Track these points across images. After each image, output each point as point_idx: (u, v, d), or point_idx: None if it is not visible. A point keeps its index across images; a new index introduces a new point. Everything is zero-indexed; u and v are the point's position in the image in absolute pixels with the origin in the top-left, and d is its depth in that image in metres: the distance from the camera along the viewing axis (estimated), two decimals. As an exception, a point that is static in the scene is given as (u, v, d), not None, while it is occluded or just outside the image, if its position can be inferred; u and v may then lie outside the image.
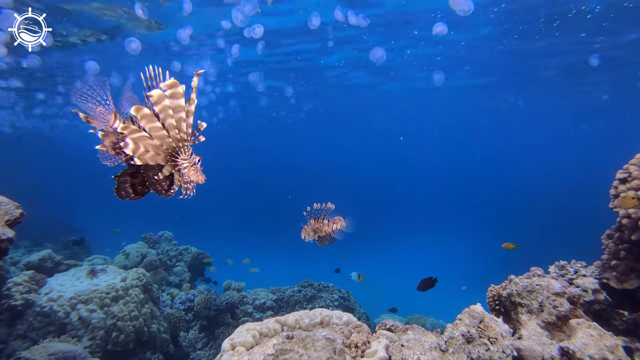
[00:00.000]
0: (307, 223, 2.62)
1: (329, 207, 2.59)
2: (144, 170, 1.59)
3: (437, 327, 8.23)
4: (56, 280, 6.18)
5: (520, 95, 19.57)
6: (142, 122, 1.43)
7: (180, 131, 1.51)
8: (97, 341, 5.50)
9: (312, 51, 12.20)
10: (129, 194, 1.61)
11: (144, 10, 7.80)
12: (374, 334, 2.71)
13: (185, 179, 1.64)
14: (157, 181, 1.61)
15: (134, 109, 1.39)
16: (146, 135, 1.46)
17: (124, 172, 1.59)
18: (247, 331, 2.68)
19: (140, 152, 1.46)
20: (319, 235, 2.65)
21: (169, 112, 1.43)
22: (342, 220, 2.62)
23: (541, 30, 10.19)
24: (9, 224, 3.93)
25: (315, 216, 2.61)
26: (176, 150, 1.57)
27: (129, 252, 8.87)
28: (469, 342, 2.45)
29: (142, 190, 1.63)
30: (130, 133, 1.44)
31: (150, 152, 1.50)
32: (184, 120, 1.48)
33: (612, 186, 2.49)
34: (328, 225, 2.60)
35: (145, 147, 1.48)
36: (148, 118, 1.43)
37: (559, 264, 2.91)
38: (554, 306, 2.62)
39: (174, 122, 1.47)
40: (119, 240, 10.31)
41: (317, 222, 2.60)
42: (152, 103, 1.40)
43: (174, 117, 1.45)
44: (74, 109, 1.53)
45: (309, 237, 2.64)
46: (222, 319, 7.77)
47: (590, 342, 2.40)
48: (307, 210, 2.59)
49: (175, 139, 1.52)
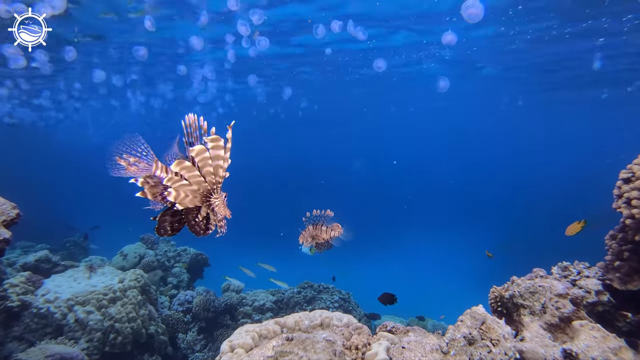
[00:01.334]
0: (306, 229, 2.60)
1: (327, 214, 2.58)
2: (185, 214, 1.81)
3: (439, 328, 8.20)
4: (53, 282, 6.13)
5: (522, 94, 19.52)
6: (182, 173, 1.65)
7: (216, 176, 1.72)
8: (94, 343, 5.45)
9: (309, 46, 12.20)
10: (167, 232, 1.83)
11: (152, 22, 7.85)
12: (374, 335, 2.68)
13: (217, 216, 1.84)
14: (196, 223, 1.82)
15: (175, 165, 1.62)
16: (185, 183, 1.68)
17: (164, 213, 1.81)
18: (246, 333, 2.65)
19: (180, 198, 1.67)
20: (316, 242, 2.63)
21: (208, 162, 1.65)
22: (339, 227, 2.61)
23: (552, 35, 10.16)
24: (5, 224, 3.88)
25: (314, 222, 2.59)
26: (210, 192, 1.78)
27: (127, 253, 8.81)
28: (470, 344, 2.42)
29: (178, 227, 1.85)
30: (173, 183, 1.65)
31: (189, 196, 1.71)
32: (220, 166, 1.70)
33: (615, 186, 2.46)
34: (326, 232, 2.58)
35: (185, 193, 1.69)
36: (188, 169, 1.65)
37: (562, 265, 2.89)
38: (557, 308, 2.60)
39: (212, 169, 1.69)
40: (114, 240, 10.26)
41: (315, 228, 2.59)
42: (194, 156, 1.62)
43: (212, 165, 1.67)
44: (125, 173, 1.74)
45: (306, 243, 2.63)
46: (221, 320, 7.72)
47: (594, 344, 2.37)
48: (306, 216, 2.58)
49: (210, 182, 1.73)
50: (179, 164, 1.61)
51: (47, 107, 20.02)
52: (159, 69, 13.49)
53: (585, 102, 19.96)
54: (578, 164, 36.20)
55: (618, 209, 2.42)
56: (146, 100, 18.98)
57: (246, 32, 8.15)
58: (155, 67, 13.22)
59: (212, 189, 1.76)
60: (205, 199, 1.77)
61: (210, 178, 1.71)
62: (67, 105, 19.46)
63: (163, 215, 1.80)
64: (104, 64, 12.15)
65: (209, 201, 1.78)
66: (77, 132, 29.25)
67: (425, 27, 9.99)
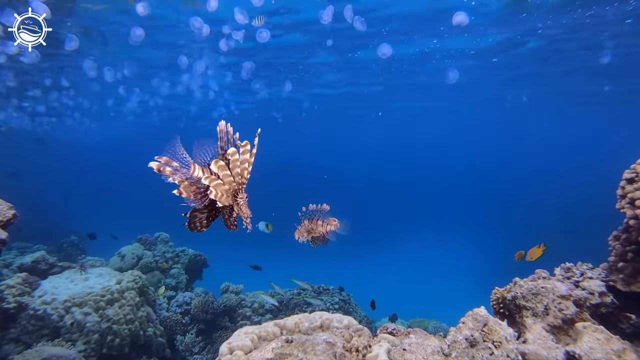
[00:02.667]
0: (301, 224, 2.57)
1: (324, 208, 2.54)
2: (221, 210, 2.02)
3: (440, 330, 8.15)
4: (50, 283, 6.08)
5: (526, 94, 19.44)
6: (218, 171, 1.85)
7: (242, 177, 1.93)
8: (91, 345, 5.40)
9: (305, 46, 12.12)
10: (197, 227, 2.02)
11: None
12: (375, 337, 2.65)
13: (243, 214, 2.01)
14: (229, 219, 2.03)
15: (213, 164, 1.82)
16: (220, 182, 1.87)
17: (194, 210, 1.99)
18: (245, 335, 2.62)
19: (219, 196, 1.86)
20: (312, 236, 2.60)
21: (237, 163, 1.88)
22: (336, 221, 2.57)
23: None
24: (1, 225, 3.84)
25: (310, 217, 2.56)
26: (237, 191, 1.97)
27: (125, 254, 8.75)
28: (472, 346, 2.39)
29: (207, 224, 2.05)
30: (211, 182, 1.83)
31: (224, 195, 1.89)
32: (246, 169, 1.93)
33: (619, 186, 2.44)
34: (322, 226, 2.55)
35: (221, 192, 1.87)
36: (222, 169, 1.85)
37: (565, 266, 2.86)
38: (560, 309, 2.57)
39: (239, 170, 1.90)
40: (106, 242, 10.18)
41: (311, 222, 2.56)
42: (228, 157, 1.85)
43: (240, 167, 1.89)
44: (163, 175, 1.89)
45: (302, 238, 2.60)
46: (219, 322, 7.67)
47: (597, 346, 2.34)
48: (302, 211, 2.55)
49: (238, 183, 1.94)
50: (216, 163, 1.81)
51: (40, 111, 19.97)
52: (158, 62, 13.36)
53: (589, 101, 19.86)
54: (583, 164, 35.96)
55: (622, 210, 2.40)
56: (142, 96, 18.85)
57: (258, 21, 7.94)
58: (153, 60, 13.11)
59: (239, 189, 1.96)
60: (234, 198, 1.97)
61: (238, 179, 1.92)
62: (61, 105, 19.35)
63: (194, 212, 1.98)
64: (99, 60, 12.08)
65: (236, 200, 1.97)
66: (75, 132, 29.15)
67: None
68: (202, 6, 8.50)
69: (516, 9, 9.44)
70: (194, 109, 22.57)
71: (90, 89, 16.54)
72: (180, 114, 24.41)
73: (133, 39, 8.72)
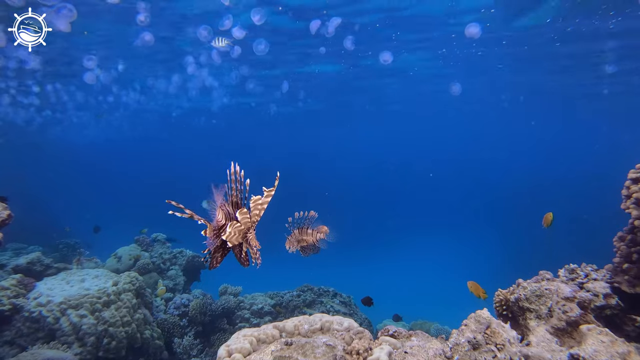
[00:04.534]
0: (291, 233, 2.50)
1: (311, 216, 2.47)
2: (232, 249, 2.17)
3: (442, 332, 8.10)
4: (45, 285, 6.00)
5: (523, 93, 19.44)
6: (239, 216, 2.00)
7: (258, 217, 2.08)
8: (87, 348, 5.32)
9: (303, 46, 12.11)
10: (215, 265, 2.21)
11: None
12: (376, 340, 2.61)
13: (253, 249, 2.14)
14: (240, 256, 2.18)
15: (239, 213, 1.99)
16: (238, 224, 2.02)
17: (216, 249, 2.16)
18: (244, 337, 2.57)
19: (231, 236, 2.03)
20: (302, 246, 2.54)
21: (258, 206, 2.05)
22: (325, 229, 2.51)
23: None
24: (-5, 225, 3.79)
25: (299, 225, 2.50)
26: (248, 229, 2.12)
27: (121, 255, 8.68)
28: (475, 348, 2.35)
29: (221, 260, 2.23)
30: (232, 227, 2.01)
31: (237, 234, 2.05)
32: (263, 209, 2.08)
33: (624, 186, 2.40)
34: (312, 234, 2.49)
35: (234, 232, 2.04)
36: (244, 214, 2.01)
37: (569, 268, 2.82)
38: (564, 311, 2.53)
39: (258, 212, 2.07)
40: (110, 241, 10.09)
41: (300, 231, 2.50)
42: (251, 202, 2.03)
43: (258, 209, 2.06)
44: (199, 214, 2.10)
45: (292, 248, 2.53)
46: (218, 324, 7.60)
47: (602, 348, 2.31)
48: (289, 221, 2.48)
49: (252, 222, 2.09)
50: (242, 212, 1.99)
51: (36, 106, 19.81)
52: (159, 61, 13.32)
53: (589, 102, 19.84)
54: (586, 164, 35.87)
55: (627, 210, 2.36)
56: (140, 95, 18.79)
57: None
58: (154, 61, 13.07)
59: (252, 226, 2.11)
60: (244, 234, 2.12)
61: (254, 219, 2.08)
62: (59, 103, 19.24)
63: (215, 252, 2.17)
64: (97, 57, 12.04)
65: (246, 236, 2.12)
66: (73, 131, 29.00)
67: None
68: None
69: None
70: (187, 105, 22.44)
71: (87, 85, 16.42)
72: (174, 109, 24.22)
73: (140, 42, 8.71)
